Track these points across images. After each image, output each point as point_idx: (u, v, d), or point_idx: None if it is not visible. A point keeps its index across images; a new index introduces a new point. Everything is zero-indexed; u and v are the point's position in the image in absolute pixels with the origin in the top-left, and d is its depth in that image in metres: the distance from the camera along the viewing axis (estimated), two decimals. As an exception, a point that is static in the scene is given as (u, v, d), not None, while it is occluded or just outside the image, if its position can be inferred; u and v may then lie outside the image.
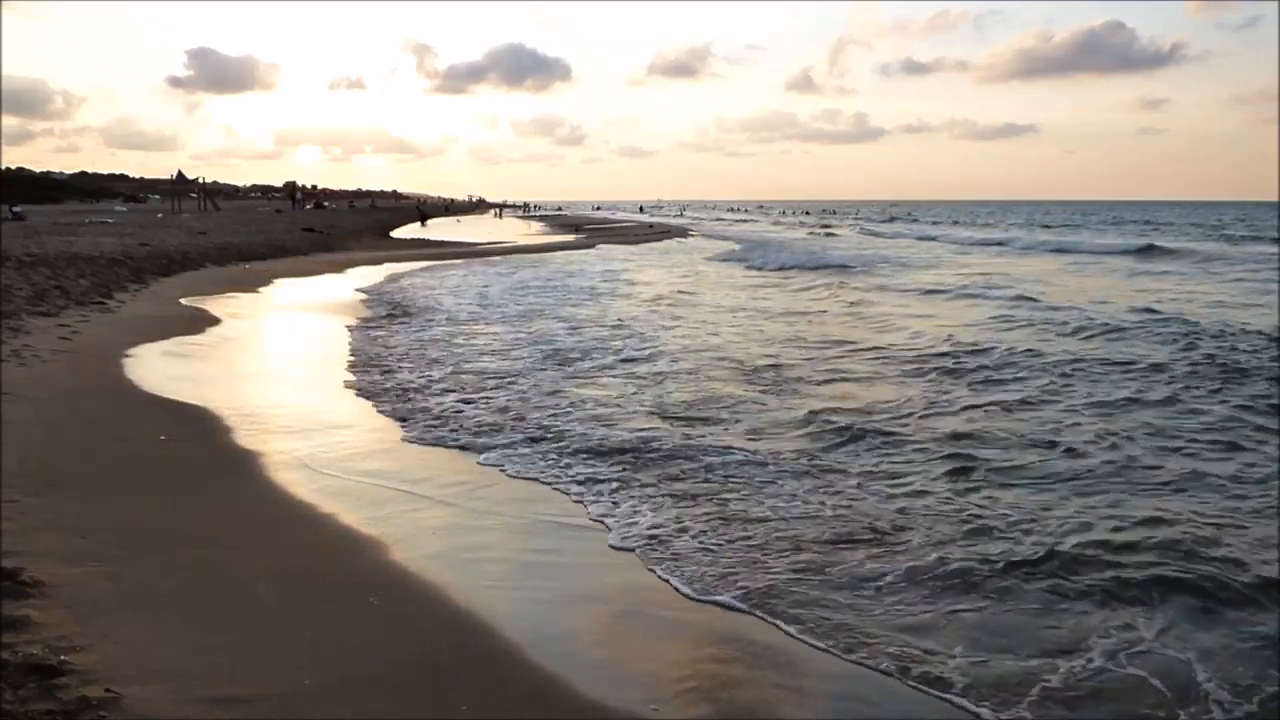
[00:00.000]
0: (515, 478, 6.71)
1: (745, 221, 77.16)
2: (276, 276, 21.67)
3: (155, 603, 4.37)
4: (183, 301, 15.75)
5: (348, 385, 9.77)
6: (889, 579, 4.91)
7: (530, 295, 19.33)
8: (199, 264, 22.87)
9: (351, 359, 11.27)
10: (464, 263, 29.15)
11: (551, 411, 8.59)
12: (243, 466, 6.75)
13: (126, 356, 10.39)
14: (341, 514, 5.83)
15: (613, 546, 5.44)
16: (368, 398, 9.19)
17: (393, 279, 22.72)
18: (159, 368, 10.05)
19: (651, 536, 5.52)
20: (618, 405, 8.86)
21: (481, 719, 3.57)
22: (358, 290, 19.68)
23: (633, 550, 5.35)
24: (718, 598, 4.72)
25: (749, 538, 5.50)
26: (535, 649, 4.16)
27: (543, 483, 6.59)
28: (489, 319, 15.25)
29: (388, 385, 9.74)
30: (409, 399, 9.11)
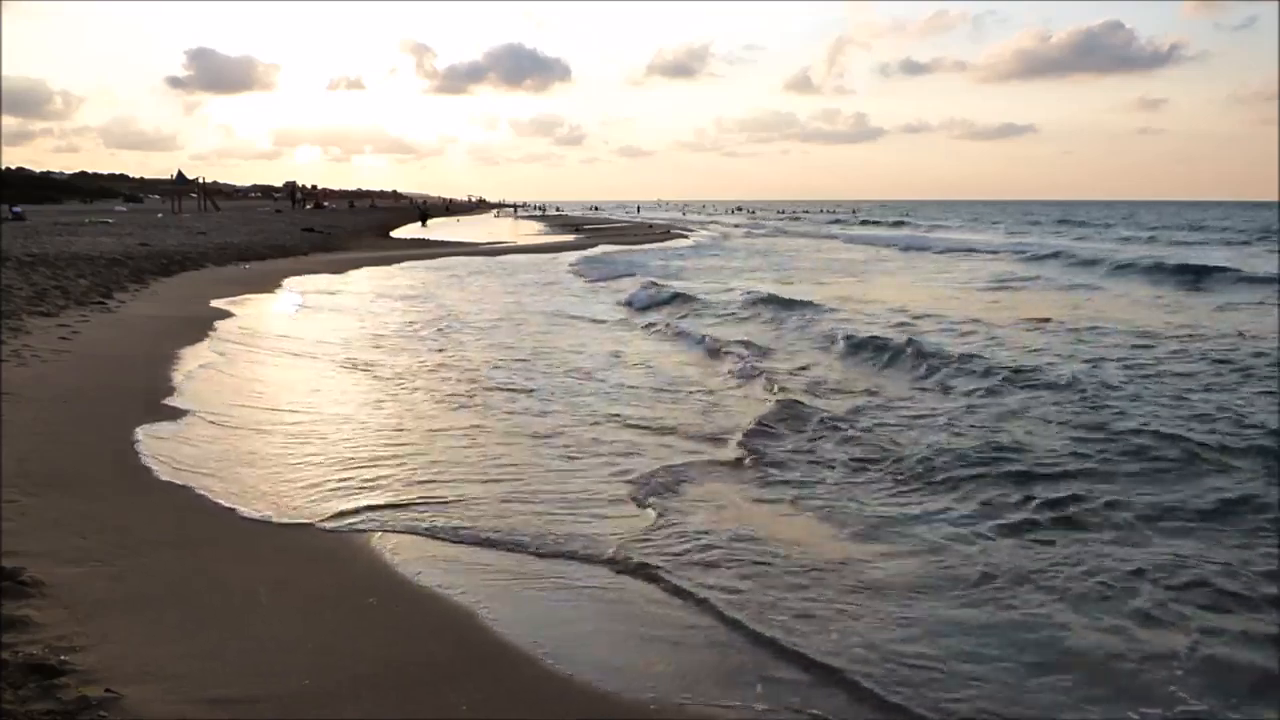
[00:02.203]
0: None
1: (724, 224, 78.44)
2: (282, 276, 21.67)
3: (155, 603, 4.38)
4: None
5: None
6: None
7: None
8: (199, 264, 22.89)
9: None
10: (454, 269, 29.14)
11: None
12: (240, 465, 6.76)
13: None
14: (341, 513, 5.83)
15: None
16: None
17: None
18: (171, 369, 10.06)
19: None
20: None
21: (481, 719, 3.58)
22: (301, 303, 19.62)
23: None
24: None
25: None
26: (535, 648, 4.16)
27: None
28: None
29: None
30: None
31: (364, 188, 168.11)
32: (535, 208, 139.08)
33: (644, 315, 16.19)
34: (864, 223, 74.59)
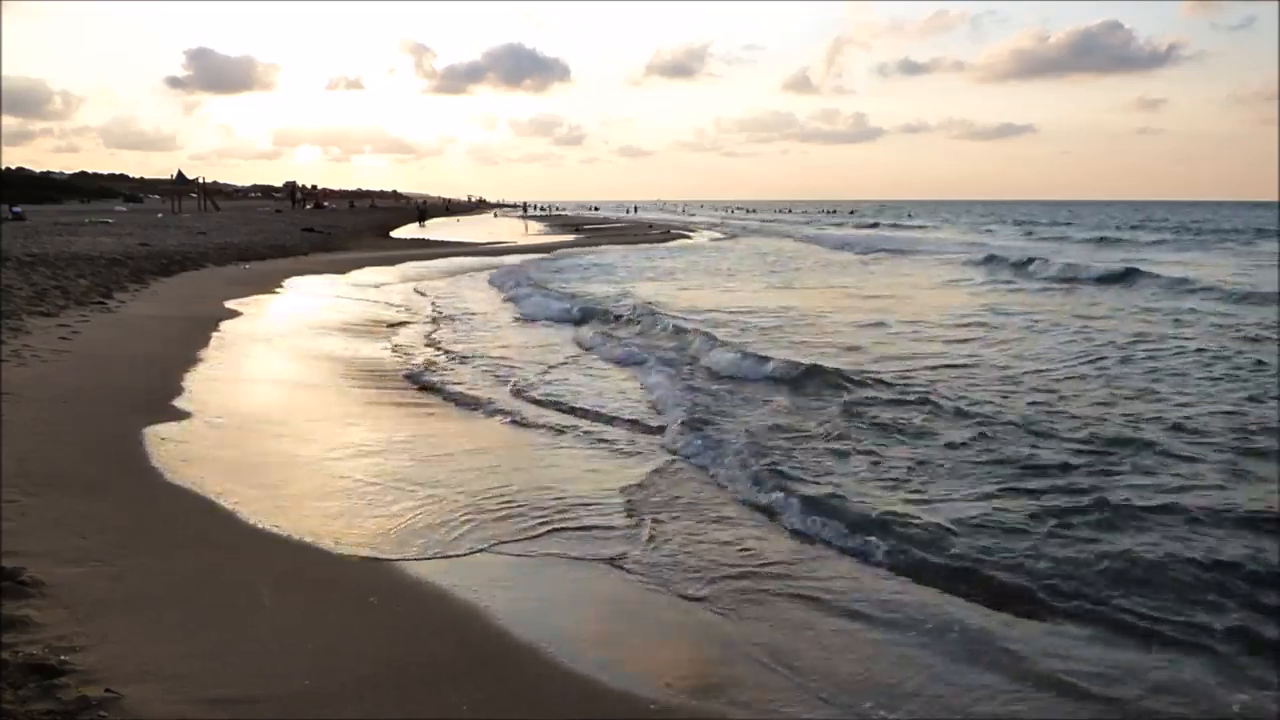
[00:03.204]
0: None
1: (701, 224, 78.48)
2: (283, 276, 21.61)
3: (155, 603, 4.37)
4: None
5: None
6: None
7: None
8: (199, 264, 22.86)
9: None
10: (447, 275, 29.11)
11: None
12: (241, 468, 6.75)
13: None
14: (341, 513, 5.82)
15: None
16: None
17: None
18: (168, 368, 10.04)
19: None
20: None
21: (481, 719, 3.57)
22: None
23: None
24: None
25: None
26: (536, 648, 4.16)
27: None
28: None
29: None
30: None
31: (364, 188, 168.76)
32: (539, 208, 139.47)
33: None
34: (830, 223, 74.41)
